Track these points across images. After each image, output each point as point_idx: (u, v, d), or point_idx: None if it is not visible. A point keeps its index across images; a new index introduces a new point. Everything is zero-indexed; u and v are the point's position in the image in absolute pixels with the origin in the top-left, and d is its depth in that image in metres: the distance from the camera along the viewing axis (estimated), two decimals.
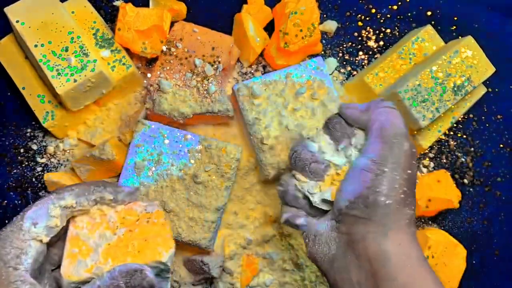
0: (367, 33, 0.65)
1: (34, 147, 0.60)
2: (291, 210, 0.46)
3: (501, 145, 0.64)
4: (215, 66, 0.56)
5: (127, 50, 0.58)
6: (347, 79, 0.63)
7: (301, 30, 0.58)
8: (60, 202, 0.38)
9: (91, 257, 0.40)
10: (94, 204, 0.41)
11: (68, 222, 0.41)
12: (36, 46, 0.53)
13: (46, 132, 0.60)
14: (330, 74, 0.58)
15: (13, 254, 0.36)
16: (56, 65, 0.53)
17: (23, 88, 0.56)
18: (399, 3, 0.65)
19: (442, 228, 0.63)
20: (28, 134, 0.60)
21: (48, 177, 0.58)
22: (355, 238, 0.41)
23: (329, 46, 0.64)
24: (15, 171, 0.59)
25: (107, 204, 0.42)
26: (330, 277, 0.43)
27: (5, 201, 0.59)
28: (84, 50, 0.53)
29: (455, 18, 0.65)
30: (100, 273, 0.39)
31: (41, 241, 0.37)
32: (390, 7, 0.65)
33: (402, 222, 0.40)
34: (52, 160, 0.60)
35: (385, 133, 0.42)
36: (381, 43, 0.65)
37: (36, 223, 0.37)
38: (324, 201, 0.45)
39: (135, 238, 0.41)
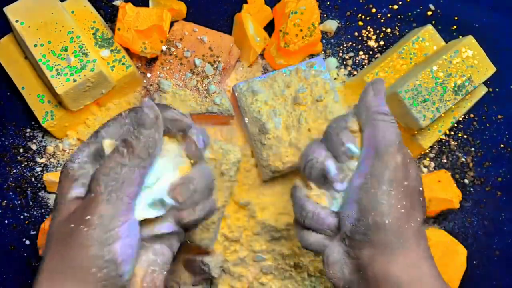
0: (367, 32, 0.65)
1: (34, 147, 0.60)
2: (311, 235, 0.44)
3: (502, 145, 0.64)
4: (215, 66, 0.56)
5: (127, 50, 0.58)
6: (347, 79, 0.63)
7: (301, 30, 0.58)
8: None
9: None
10: None
11: None
12: (35, 45, 0.52)
13: (46, 132, 0.59)
14: (330, 74, 0.58)
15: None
16: (55, 65, 0.52)
17: (23, 88, 0.56)
18: (400, 3, 0.65)
19: (443, 228, 0.63)
20: (27, 134, 0.60)
21: (48, 177, 0.57)
22: (363, 263, 0.39)
23: (329, 46, 0.64)
24: (14, 171, 0.59)
25: None
26: None
27: (5, 201, 0.59)
28: (84, 50, 0.53)
29: (456, 18, 0.65)
30: None
31: None
32: (390, 6, 0.65)
33: (409, 239, 0.38)
34: (52, 160, 0.60)
35: (377, 147, 0.40)
36: (382, 43, 0.64)
37: None
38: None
39: None
